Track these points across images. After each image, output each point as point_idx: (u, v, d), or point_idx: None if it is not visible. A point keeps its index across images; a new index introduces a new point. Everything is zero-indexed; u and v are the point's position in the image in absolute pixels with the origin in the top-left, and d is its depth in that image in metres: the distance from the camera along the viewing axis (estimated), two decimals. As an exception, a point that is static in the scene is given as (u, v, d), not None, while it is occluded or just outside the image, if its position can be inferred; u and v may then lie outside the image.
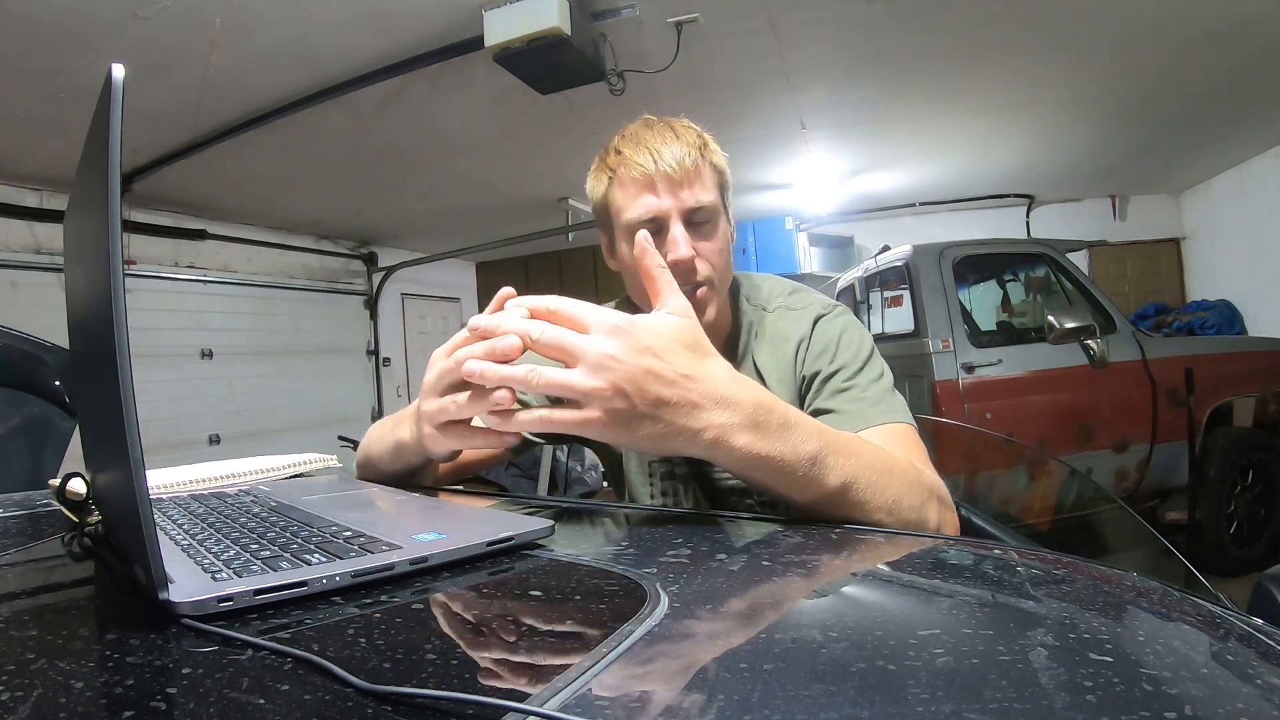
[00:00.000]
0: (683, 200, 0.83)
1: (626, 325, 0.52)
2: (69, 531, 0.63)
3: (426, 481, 0.85)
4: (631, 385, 0.51)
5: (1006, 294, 4.10)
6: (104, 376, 0.38)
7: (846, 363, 0.86)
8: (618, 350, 0.51)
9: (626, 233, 0.85)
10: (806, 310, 0.92)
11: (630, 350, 0.51)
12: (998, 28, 3.09)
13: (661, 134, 0.85)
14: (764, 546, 0.53)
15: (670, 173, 0.82)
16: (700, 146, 0.85)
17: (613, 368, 0.50)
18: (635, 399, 0.51)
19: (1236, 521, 3.32)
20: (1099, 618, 0.37)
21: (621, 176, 0.85)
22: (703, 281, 0.85)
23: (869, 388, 0.84)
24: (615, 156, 0.86)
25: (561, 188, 5.24)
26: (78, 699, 0.28)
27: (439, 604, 0.40)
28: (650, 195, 0.83)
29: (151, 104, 3.17)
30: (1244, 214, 5.41)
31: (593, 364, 0.51)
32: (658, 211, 0.83)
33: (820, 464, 0.57)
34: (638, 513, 0.68)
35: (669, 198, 0.83)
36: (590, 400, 0.51)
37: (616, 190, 0.86)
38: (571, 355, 0.52)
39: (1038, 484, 1.97)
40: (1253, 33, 3.17)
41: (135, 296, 4.49)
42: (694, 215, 0.84)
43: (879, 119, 4.21)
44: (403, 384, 7.00)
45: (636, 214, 0.84)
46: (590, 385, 0.51)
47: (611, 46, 2.95)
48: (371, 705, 0.27)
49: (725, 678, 0.29)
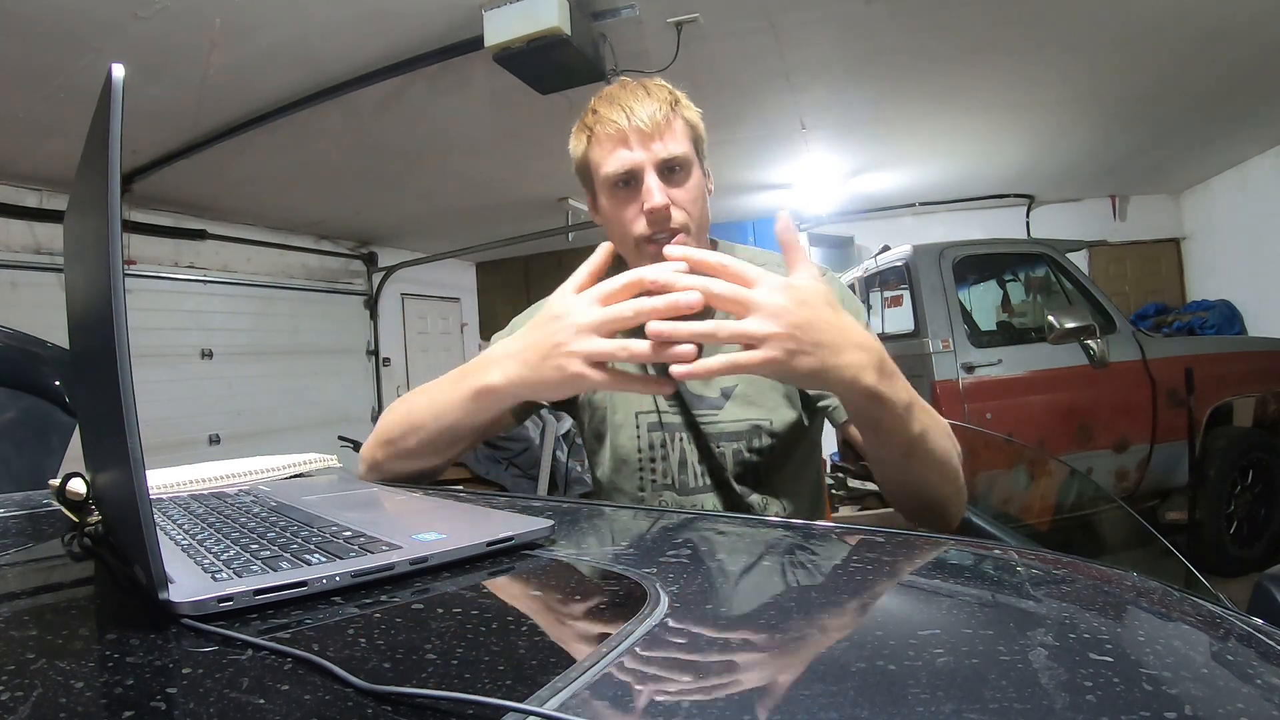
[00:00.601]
0: (655, 152, 0.87)
1: (788, 285, 0.63)
2: (69, 531, 0.63)
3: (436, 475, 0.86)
4: (799, 330, 0.62)
5: (1006, 294, 4.10)
6: (104, 376, 0.38)
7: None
8: (787, 302, 0.62)
9: (605, 186, 0.90)
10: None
11: (795, 303, 0.62)
12: (998, 28, 3.09)
13: (634, 92, 0.89)
14: (764, 546, 0.53)
15: (642, 127, 0.86)
16: (671, 102, 0.89)
17: (784, 315, 0.61)
18: (802, 340, 0.62)
19: (1236, 521, 3.32)
20: (1099, 618, 0.37)
21: (598, 134, 0.89)
22: (679, 228, 0.88)
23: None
24: (592, 116, 0.90)
25: (561, 188, 5.23)
26: (78, 699, 0.28)
27: (439, 604, 0.40)
28: (624, 149, 0.87)
29: (151, 104, 3.17)
30: (1244, 214, 5.41)
31: (769, 313, 0.61)
32: (632, 164, 0.87)
33: (910, 411, 0.69)
34: (637, 513, 0.68)
35: (641, 150, 0.87)
36: (767, 343, 0.61)
37: (594, 147, 0.90)
38: (748, 307, 0.62)
39: (1038, 484, 1.97)
40: (1253, 33, 3.17)
41: (135, 296, 4.48)
42: (667, 165, 0.88)
43: (879, 119, 4.21)
44: (403, 384, 7.00)
45: (613, 168, 0.88)
46: (770, 330, 0.61)
47: (611, 46, 2.95)
48: (371, 705, 0.27)
49: (725, 677, 0.29)
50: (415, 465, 0.84)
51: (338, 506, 0.62)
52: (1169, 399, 3.25)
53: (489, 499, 0.75)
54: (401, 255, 6.82)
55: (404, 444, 0.83)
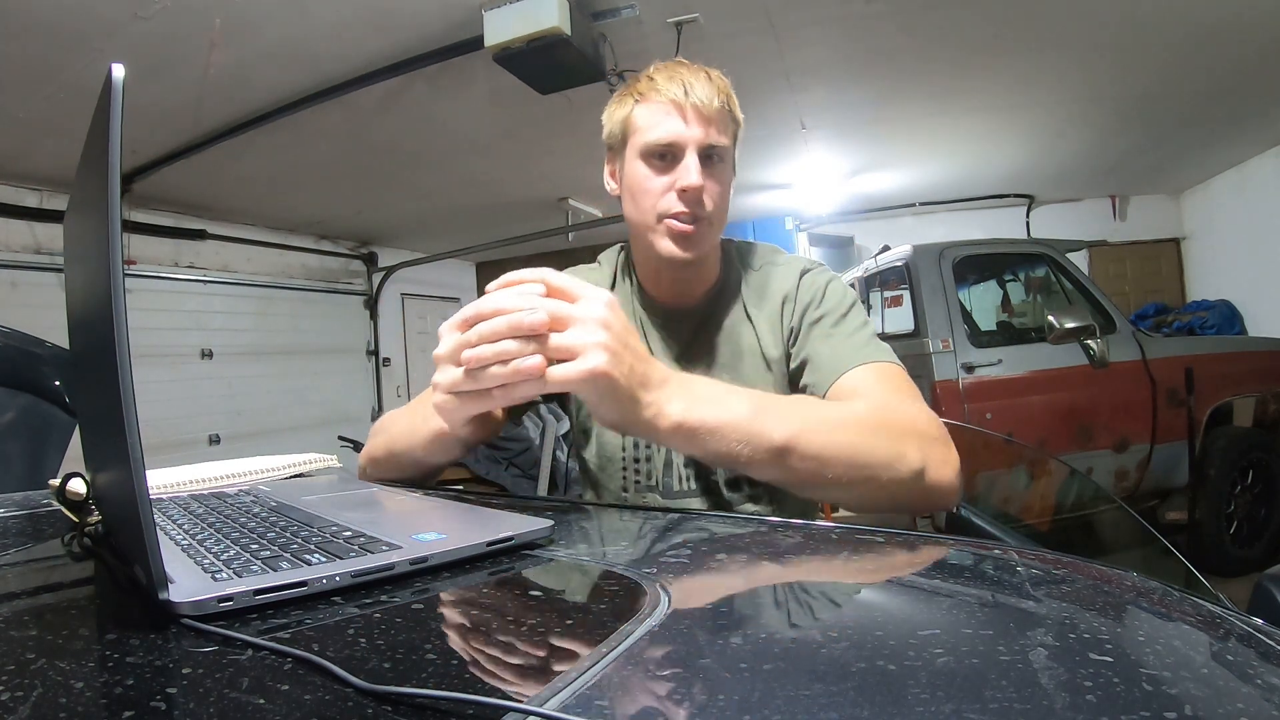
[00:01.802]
0: (705, 135, 0.86)
1: (610, 300, 0.62)
2: (69, 531, 0.63)
3: (433, 478, 0.87)
4: (618, 340, 0.60)
5: (1006, 294, 4.10)
6: (104, 376, 0.38)
7: (831, 309, 0.90)
8: (607, 314, 0.60)
9: (641, 153, 0.88)
10: (792, 265, 0.96)
11: (613, 314, 0.61)
12: (998, 28, 3.09)
13: (696, 73, 0.88)
14: (764, 546, 0.53)
15: (700, 105, 0.85)
16: (727, 94, 0.89)
17: (604, 327, 0.59)
18: (619, 348, 0.60)
19: (1236, 521, 3.31)
20: (1099, 618, 0.37)
21: (651, 99, 0.88)
22: (704, 216, 0.88)
23: (854, 333, 0.87)
24: (647, 82, 0.89)
25: (561, 188, 5.24)
26: (78, 699, 0.28)
27: (439, 604, 0.40)
28: (678, 120, 0.86)
29: (151, 104, 3.17)
30: (1244, 214, 5.41)
31: (590, 325, 0.59)
32: (680, 137, 0.86)
33: (760, 418, 0.63)
34: (637, 513, 0.68)
35: (695, 127, 0.86)
36: (586, 352, 0.59)
37: (641, 110, 0.89)
38: (568, 322, 0.59)
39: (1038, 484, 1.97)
40: (1253, 33, 3.17)
41: (135, 296, 4.48)
42: (709, 151, 0.87)
43: (879, 119, 4.21)
44: (403, 384, 7.00)
45: (659, 135, 0.87)
46: (589, 340, 0.59)
47: (611, 46, 2.95)
48: (371, 705, 0.27)
49: (725, 678, 0.29)
50: (407, 476, 0.87)
51: (338, 506, 0.62)
52: (1169, 399, 3.25)
53: (489, 499, 0.75)
54: (401, 255, 6.82)
55: (391, 464, 0.87)
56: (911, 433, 0.69)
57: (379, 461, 0.89)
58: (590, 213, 5.66)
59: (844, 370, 0.82)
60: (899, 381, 0.81)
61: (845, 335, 0.87)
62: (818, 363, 0.86)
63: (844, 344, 0.86)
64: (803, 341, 0.90)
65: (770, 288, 0.94)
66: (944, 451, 0.70)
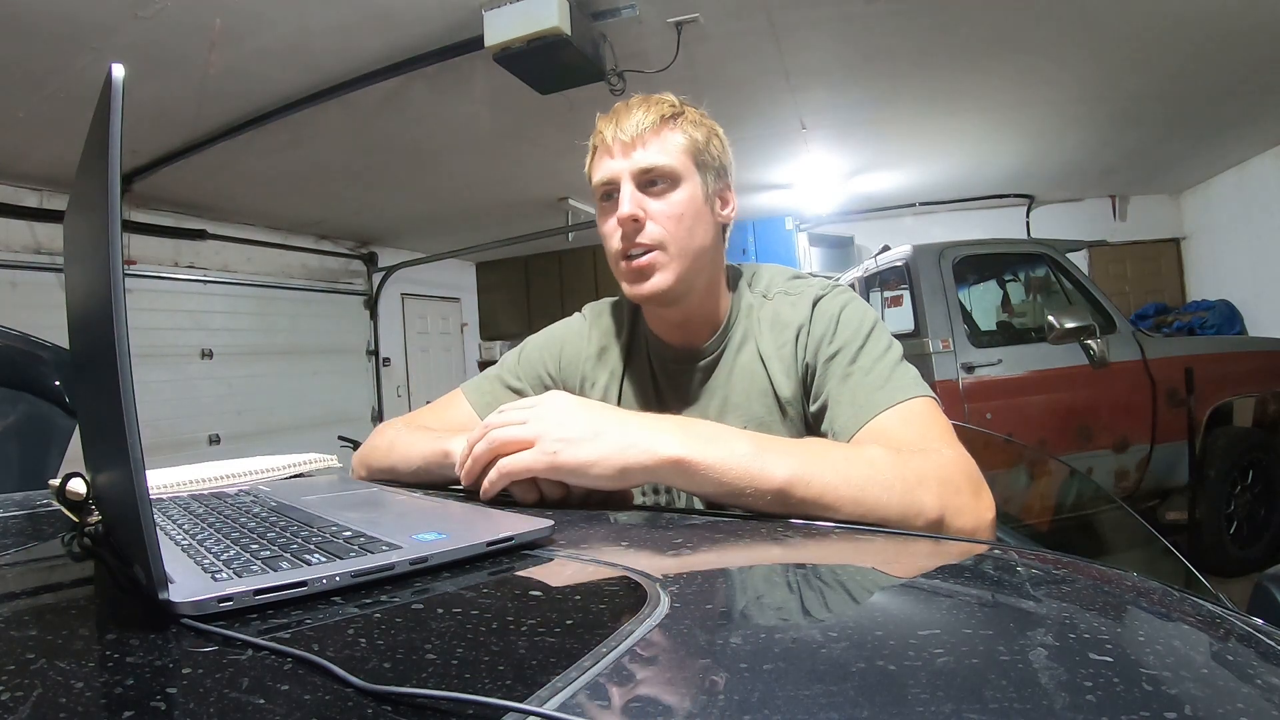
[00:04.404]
0: (634, 161, 0.85)
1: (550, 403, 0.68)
2: (69, 531, 0.63)
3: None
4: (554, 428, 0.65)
5: (1006, 294, 4.10)
6: (104, 376, 0.38)
7: (846, 342, 0.83)
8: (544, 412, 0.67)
9: (596, 199, 0.91)
10: (805, 294, 0.90)
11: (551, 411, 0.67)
12: (998, 28, 3.09)
13: (632, 106, 0.88)
14: (764, 546, 0.53)
15: (623, 137, 0.85)
16: (667, 115, 0.86)
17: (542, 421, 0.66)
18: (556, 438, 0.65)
19: (1236, 521, 3.32)
20: (1099, 618, 0.37)
21: (594, 146, 0.90)
22: (652, 244, 0.85)
23: (873, 368, 0.81)
24: (596, 131, 0.90)
25: (561, 188, 5.24)
26: (78, 699, 0.28)
27: (439, 604, 0.40)
28: (608, 158, 0.87)
29: (151, 104, 3.17)
30: (1244, 214, 5.41)
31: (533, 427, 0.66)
32: (611, 174, 0.86)
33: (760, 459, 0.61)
34: (637, 513, 0.68)
35: (621, 159, 0.85)
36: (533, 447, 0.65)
37: (591, 160, 0.91)
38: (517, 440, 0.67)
39: (1038, 484, 1.97)
40: (1252, 33, 3.17)
41: (135, 296, 4.49)
42: (646, 176, 0.85)
43: (879, 119, 4.21)
44: (402, 384, 7.00)
45: (598, 177, 0.88)
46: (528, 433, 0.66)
47: (611, 46, 2.95)
48: (371, 705, 0.27)
49: (725, 678, 0.29)
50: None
51: (338, 506, 0.62)
52: (1169, 399, 3.25)
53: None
54: (401, 255, 6.82)
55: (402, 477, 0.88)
56: (931, 480, 0.64)
57: (367, 468, 0.92)
58: (590, 213, 5.64)
59: (866, 420, 0.76)
60: (926, 421, 0.75)
61: (864, 373, 0.80)
62: (838, 410, 0.80)
63: (863, 385, 0.79)
64: (820, 381, 0.84)
65: (782, 319, 0.89)
66: (969, 500, 0.66)
